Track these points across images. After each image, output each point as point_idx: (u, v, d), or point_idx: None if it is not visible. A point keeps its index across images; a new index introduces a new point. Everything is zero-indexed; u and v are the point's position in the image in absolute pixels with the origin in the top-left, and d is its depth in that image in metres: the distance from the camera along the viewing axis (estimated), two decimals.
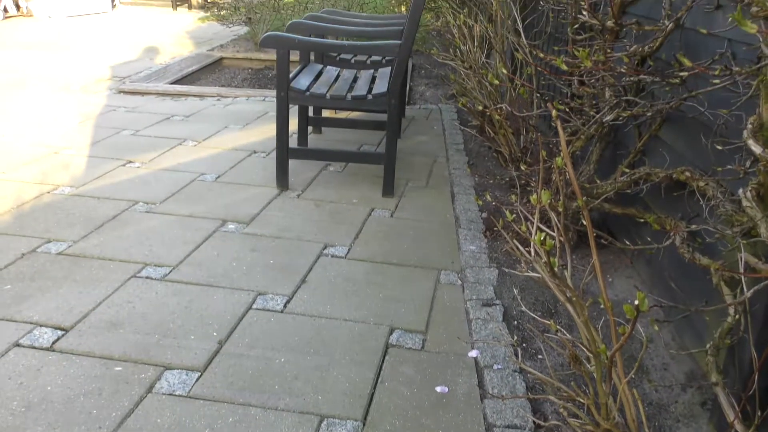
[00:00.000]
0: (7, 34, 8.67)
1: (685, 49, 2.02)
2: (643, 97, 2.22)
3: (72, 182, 3.21)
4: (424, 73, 6.63)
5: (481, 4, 4.25)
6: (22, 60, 6.75)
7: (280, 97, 3.05)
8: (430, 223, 2.92)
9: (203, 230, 2.70)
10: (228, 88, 5.86)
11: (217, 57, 7.53)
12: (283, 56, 3.00)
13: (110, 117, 4.55)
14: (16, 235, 2.58)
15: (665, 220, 1.92)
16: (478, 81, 3.57)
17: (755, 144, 1.29)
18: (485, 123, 3.64)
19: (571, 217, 2.52)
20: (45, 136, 4.00)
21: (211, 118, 4.60)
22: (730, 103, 1.62)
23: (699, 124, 1.88)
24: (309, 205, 3.06)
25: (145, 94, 5.39)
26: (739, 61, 1.64)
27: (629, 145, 2.47)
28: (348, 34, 4.13)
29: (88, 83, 5.70)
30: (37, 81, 5.71)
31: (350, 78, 3.54)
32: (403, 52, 3.04)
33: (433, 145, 4.15)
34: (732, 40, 1.69)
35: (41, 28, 9.41)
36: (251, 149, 3.88)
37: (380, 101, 3.09)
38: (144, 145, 3.88)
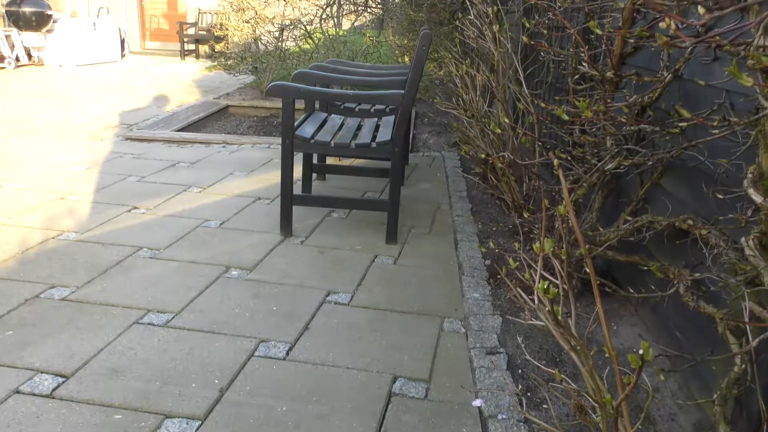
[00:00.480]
0: (18, 83, 8.85)
1: (684, 100, 2.05)
2: (644, 146, 2.25)
3: (77, 228, 3.22)
4: (428, 121, 6.71)
5: (482, 55, 4.33)
6: (32, 108, 6.87)
7: (285, 144, 3.09)
8: (433, 270, 2.91)
9: (206, 276, 2.71)
10: (233, 135, 5.94)
11: (223, 105, 7.66)
12: (288, 105, 3.05)
13: (117, 163, 4.60)
14: (20, 280, 2.58)
15: (669, 268, 1.92)
16: (481, 129, 3.61)
17: (756, 193, 1.30)
18: (488, 170, 3.67)
19: (575, 264, 2.52)
20: (52, 182, 4.04)
21: (217, 165, 4.65)
22: (730, 152, 1.64)
23: (700, 173, 1.89)
24: (312, 252, 3.06)
25: (151, 141, 5.46)
26: (738, 112, 1.66)
27: (631, 193, 2.48)
28: (352, 83, 4.21)
29: (96, 130, 5.79)
30: (46, 128, 5.80)
31: (354, 126, 3.59)
32: (407, 101, 3.09)
33: (436, 192, 4.17)
34: (730, 91, 1.72)
35: (52, 77, 9.60)
36: (256, 196, 3.91)
37: (384, 149, 3.13)
38: (149, 192, 3.91)
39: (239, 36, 8.92)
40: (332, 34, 8.93)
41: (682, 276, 1.81)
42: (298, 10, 8.97)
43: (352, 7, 9.16)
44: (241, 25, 8.86)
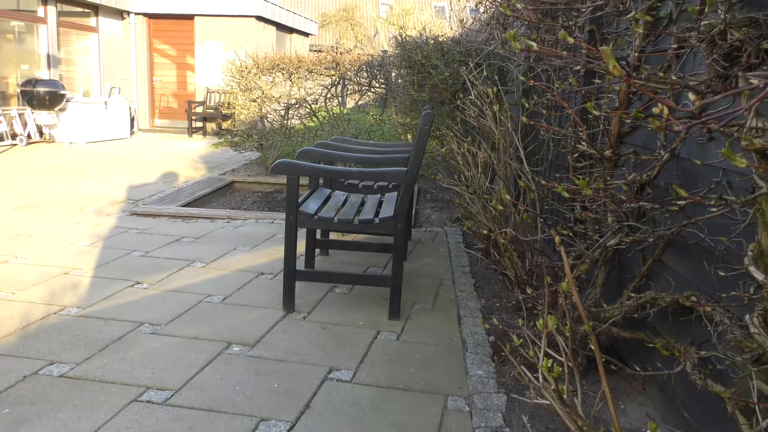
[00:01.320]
0: (29, 159, 9.02)
1: (682, 178, 2.09)
2: (645, 223, 2.27)
3: (79, 303, 3.22)
4: (430, 196, 6.79)
5: (483, 133, 4.43)
6: (41, 183, 6.98)
7: (289, 220, 3.13)
8: (436, 347, 2.88)
9: (207, 353, 2.68)
10: (238, 211, 6.01)
11: (228, 181, 7.77)
12: (292, 182, 3.10)
13: (122, 238, 4.63)
14: (19, 356, 2.55)
15: (675, 346, 1.90)
16: (483, 205, 3.65)
17: (757, 271, 1.31)
18: (490, 246, 3.69)
19: (579, 341, 2.49)
20: (56, 257, 4.06)
21: (221, 240, 4.68)
22: (730, 230, 1.66)
23: (701, 250, 1.91)
24: (315, 328, 3.04)
25: (157, 216, 5.52)
26: (735, 190, 1.69)
27: (634, 269, 2.49)
28: (356, 160, 4.29)
29: (102, 206, 5.86)
30: (53, 203, 5.88)
31: (357, 202, 3.64)
32: (410, 178, 3.15)
33: (439, 268, 4.18)
34: (727, 170, 1.76)
35: (62, 154, 9.80)
36: (259, 271, 3.91)
37: (387, 225, 3.16)
38: (153, 267, 3.92)
39: (246, 114, 9.15)
40: (336, 112, 9.16)
41: (689, 354, 1.79)
42: (304, 90, 9.23)
43: (356, 87, 9.43)
44: (248, 104, 9.10)
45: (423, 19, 21.80)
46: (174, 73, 15.08)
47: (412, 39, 5.97)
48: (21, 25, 11.89)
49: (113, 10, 13.92)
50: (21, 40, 12.00)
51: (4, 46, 11.29)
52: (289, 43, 16.85)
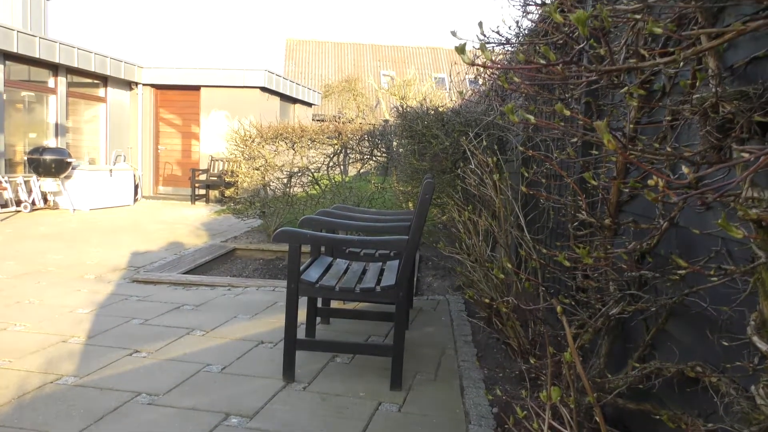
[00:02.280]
0: (32, 226, 9.08)
1: (682, 246, 2.10)
2: (647, 291, 2.27)
3: (76, 372, 3.17)
4: (432, 264, 6.79)
5: (484, 201, 4.48)
6: (43, 250, 6.99)
7: (290, 288, 3.12)
8: (439, 419, 2.82)
9: (205, 424, 2.62)
10: (239, 278, 5.99)
11: (230, 248, 7.79)
12: (294, 250, 3.11)
13: (121, 306, 4.61)
14: (13, 427, 2.50)
15: (681, 418, 1.86)
16: (484, 274, 3.65)
17: (760, 341, 1.30)
18: (492, 315, 3.66)
19: (584, 413, 2.44)
20: (55, 324, 4.03)
21: (221, 308, 4.65)
22: (731, 298, 1.66)
23: (704, 319, 1.90)
24: (315, 399, 2.99)
25: (157, 284, 5.51)
26: (735, 259, 1.70)
27: (638, 339, 2.46)
28: (358, 228, 4.32)
29: (103, 272, 5.86)
30: (55, 270, 5.88)
31: (359, 270, 3.64)
32: (411, 246, 3.16)
33: (441, 337, 4.13)
34: (726, 239, 1.77)
35: (65, 220, 9.87)
36: (259, 339, 3.88)
37: (389, 293, 3.15)
38: (152, 335, 3.89)
39: (249, 182, 9.26)
40: (338, 180, 9.27)
41: (696, 426, 1.75)
42: (307, 159, 9.38)
43: (358, 156, 9.58)
44: (252, 172, 9.23)
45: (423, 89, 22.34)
46: (179, 142, 15.37)
47: (413, 109, 6.11)
48: (31, 95, 12.20)
49: (122, 82, 14.30)
50: (30, 110, 12.28)
51: (14, 116, 11.55)
52: (293, 113, 17.22)
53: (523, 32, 3.90)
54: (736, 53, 1.80)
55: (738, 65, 1.77)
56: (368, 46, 33.29)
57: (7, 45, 10.47)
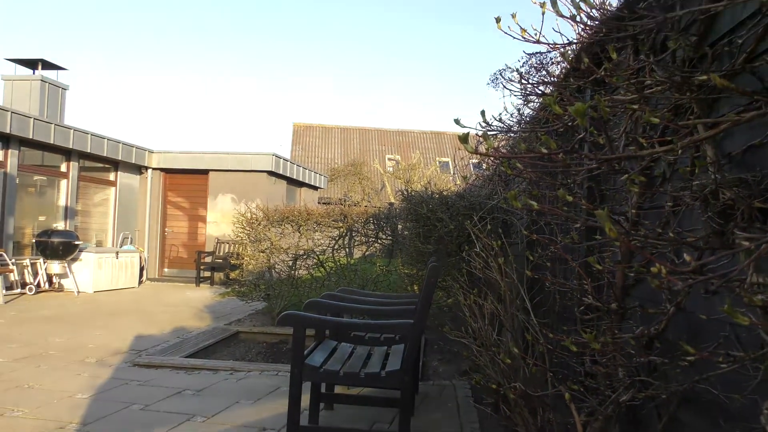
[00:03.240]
0: (36, 308, 9.05)
1: (690, 331, 2.08)
2: (657, 377, 2.23)
3: None
4: (437, 348, 6.69)
5: (489, 284, 4.47)
6: (45, 333, 6.94)
7: (293, 373, 3.07)
8: None
9: None
10: (242, 362, 5.90)
11: (233, 331, 7.71)
12: (299, 333, 3.09)
13: (122, 391, 4.53)
14: None
15: None
16: (491, 358, 3.60)
17: None
18: (500, 401, 3.58)
19: None
20: (54, 409, 3.95)
21: (223, 393, 4.56)
22: (743, 385, 1.63)
23: (717, 406, 1.86)
24: None
25: (159, 368, 5.43)
26: (744, 345, 1.68)
27: (650, 427, 2.40)
28: (363, 312, 4.29)
29: (104, 356, 5.79)
30: (56, 353, 5.81)
31: (364, 354, 3.59)
32: (416, 330, 3.14)
33: (448, 424, 4.02)
34: (734, 324, 1.76)
35: (69, 303, 9.84)
36: (261, 426, 3.78)
37: (394, 378, 3.10)
38: (151, 421, 3.80)
39: (254, 264, 9.27)
40: (344, 262, 9.28)
41: None
42: (312, 241, 9.43)
43: (363, 238, 9.63)
44: (257, 254, 9.26)
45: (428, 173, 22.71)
46: (186, 224, 15.51)
47: (418, 193, 6.20)
48: (43, 179, 12.45)
49: (133, 166, 14.61)
50: (42, 193, 12.50)
51: (25, 199, 11.74)
52: (299, 196, 17.46)
53: (524, 119, 4.01)
54: (733, 141, 1.84)
55: (735, 153, 1.81)
56: (374, 130, 34.10)
57: (24, 132, 10.78)
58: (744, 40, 1.73)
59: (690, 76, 1.71)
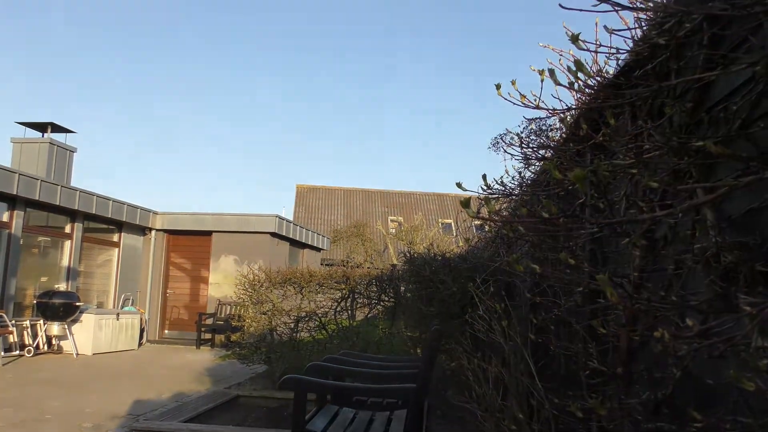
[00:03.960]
0: (34, 371, 8.92)
1: (698, 396, 2.04)
2: None
3: None
4: (441, 413, 6.54)
5: (493, 348, 4.42)
6: (41, 396, 6.82)
7: None
8: None
9: None
10: (241, 428, 5.78)
11: (233, 395, 7.58)
12: (300, 398, 3.04)
13: None
14: None
15: None
16: (496, 424, 3.52)
17: None
18: None
19: None
20: None
21: None
22: None
23: None
24: None
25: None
26: (754, 410, 1.65)
27: None
28: (365, 376, 4.23)
29: (101, 421, 5.67)
30: (51, 418, 5.70)
31: (366, 419, 3.53)
32: (419, 395, 3.09)
33: None
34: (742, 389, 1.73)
35: (67, 365, 9.71)
36: None
37: None
38: None
39: (255, 327, 9.19)
40: (346, 324, 9.20)
41: None
42: (314, 303, 9.37)
43: (365, 300, 9.58)
44: (258, 316, 9.19)
45: (430, 235, 22.76)
46: (188, 286, 15.46)
47: (421, 255, 6.20)
48: (47, 240, 12.50)
49: (136, 227, 14.69)
50: (45, 254, 12.53)
51: (28, 260, 11.75)
52: (302, 257, 17.45)
53: (526, 182, 4.06)
54: (732, 204, 1.86)
55: (735, 216, 1.83)
56: (377, 192, 34.38)
57: (30, 193, 10.90)
58: (739, 106, 1.77)
59: (687, 142, 1.75)
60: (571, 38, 1.77)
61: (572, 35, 1.76)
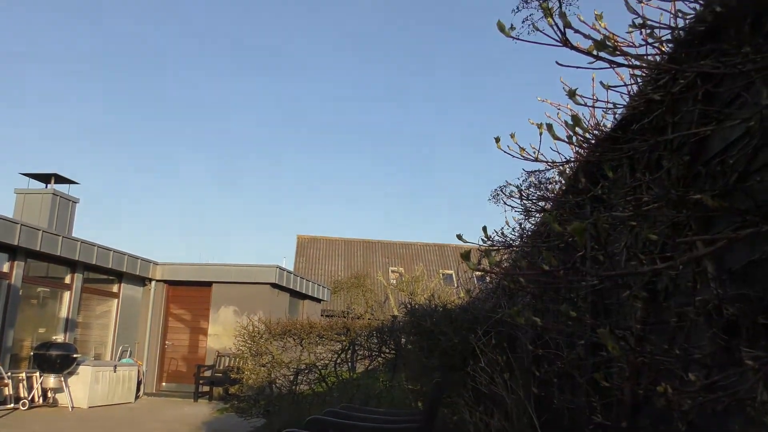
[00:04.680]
0: (26, 425, 8.76)
1: None
2: None
3: None
4: None
5: (496, 401, 4.35)
6: None
7: None
8: None
9: None
10: None
11: None
12: None
13: None
14: None
15: None
16: None
17: None
18: None
19: None
20: None
21: None
22: None
23: None
24: None
25: None
26: None
27: None
28: (365, 430, 4.15)
29: None
30: None
31: None
32: None
33: None
34: None
35: (61, 419, 9.53)
36: None
37: None
38: None
39: (254, 379, 9.07)
40: (346, 377, 9.07)
41: None
42: (314, 355, 9.27)
43: (366, 352, 9.48)
44: (258, 368, 9.08)
45: (431, 286, 22.64)
46: (186, 337, 15.31)
47: (421, 306, 6.17)
48: (46, 290, 12.44)
49: (136, 278, 14.64)
50: (43, 305, 12.45)
51: (27, 311, 11.68)
52: (302, 309, 17.33)
53: (526, 233, 4.07)
54: (732, 257, 1.87)
55: (736, 269, 1.83)
56: (378, 243, 34.38)
57: (31, 244, 10.91)
58: (735, 159, 1.80)
59: (684, 195, 1.77)
60: (568, 93, 1.81)
61: (569, 90, 1.80)
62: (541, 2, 1.38)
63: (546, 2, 1.40)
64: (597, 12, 2.03)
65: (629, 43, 1.99)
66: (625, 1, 1.50)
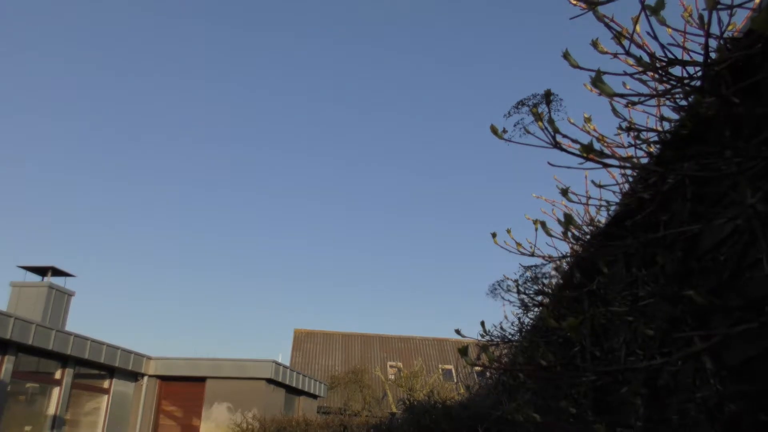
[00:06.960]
0: None
1: None
2: None
3: None
4: None
5: None
6: None
7: None
8: None
9: None
10: None
11: None
12: None
13: None
14: None
15: None
16: None
17: None
18: None
19: None
20: None
21: None
22: None
23: None
24: None
25: None
26: None
27: None
28: None
29: None
30: None
31: None
32: None
33: None
34: None
35: None
36: None
37: None
38: None
39: None
40: None
41: None
42: None
43: None
44: None
45: (430, 381, 22.16)
46: None
47: (420, 402, 6.03)
48: (36, 386, 12.14)
49: (128, 373, 14.33)
50: (32, 401, 12.12)
51: (13, 408, 11.34)
52: (298, 405, 16.86)
53: (525, 327, 4.05)
54: (730, 353, 1.87)
55: (734, 365, 1.82)
56: (376, 337, 33.88)
57: (24, 338, 10.76)
58: (726, 257, 1.83)
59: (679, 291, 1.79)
60: (561, 192, 1.87)
61: (562, 189, 1.86)
62: (531, 108, 1.46)
63: (536, 108, 1.48)
64: (586, 115, 2.13)
65: (618, 144, 2.09)
66: (612, 108, 1.59)
